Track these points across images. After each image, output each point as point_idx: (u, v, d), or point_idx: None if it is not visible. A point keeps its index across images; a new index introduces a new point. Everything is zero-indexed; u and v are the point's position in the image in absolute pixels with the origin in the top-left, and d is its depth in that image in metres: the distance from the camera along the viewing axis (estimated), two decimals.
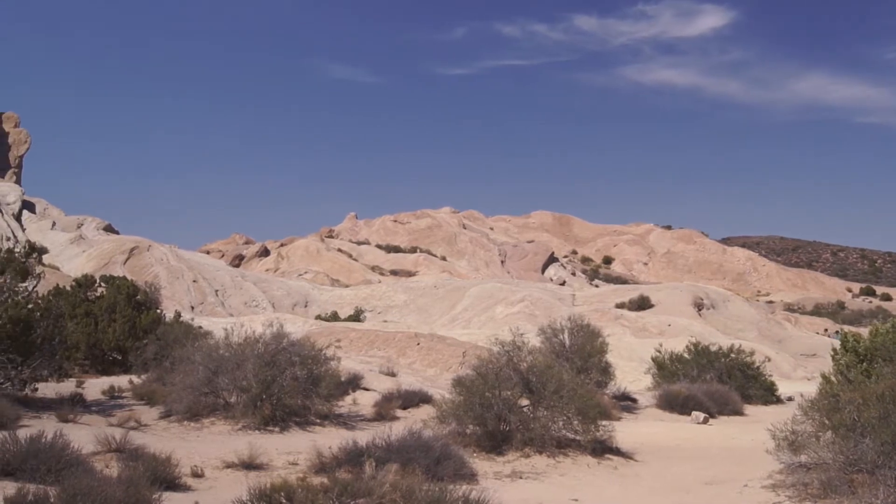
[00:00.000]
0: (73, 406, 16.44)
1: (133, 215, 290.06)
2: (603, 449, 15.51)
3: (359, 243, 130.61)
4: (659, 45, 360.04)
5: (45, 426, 12.41)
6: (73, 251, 73.31)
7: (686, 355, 29.11)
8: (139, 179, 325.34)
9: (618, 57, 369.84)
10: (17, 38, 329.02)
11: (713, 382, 25.99)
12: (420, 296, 74.09)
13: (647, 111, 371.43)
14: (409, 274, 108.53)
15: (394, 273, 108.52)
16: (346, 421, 18.58)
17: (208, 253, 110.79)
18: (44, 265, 43.47)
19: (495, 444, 15.21)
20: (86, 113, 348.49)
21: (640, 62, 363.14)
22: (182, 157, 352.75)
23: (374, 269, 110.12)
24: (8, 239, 60.18)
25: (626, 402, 24.10)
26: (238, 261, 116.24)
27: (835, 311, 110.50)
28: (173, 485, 10.87)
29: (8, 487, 9.29)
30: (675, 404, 22.97)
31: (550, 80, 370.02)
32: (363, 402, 21.27)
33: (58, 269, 56.21)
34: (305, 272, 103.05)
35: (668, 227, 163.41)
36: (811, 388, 29.82)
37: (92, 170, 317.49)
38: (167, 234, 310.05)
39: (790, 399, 27.32)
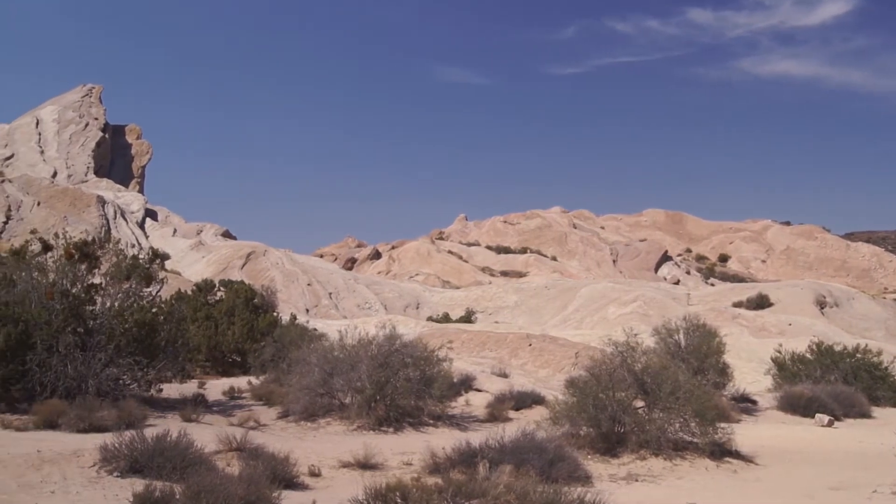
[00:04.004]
0: (195, 406, 16.96)
1: (249, 221, 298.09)
2: (721, 452, 15.10)
3: (469, 245, 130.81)
4: (777, 35, 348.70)
5: (169, 425, 12.84)
6: (193, 257, 75.88)
7: (808, 355, 28.09)
8: (254, 185, 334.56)
9: (734, 49, 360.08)
10: (137, 53, 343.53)
11: (838, 384, 24.99)
12: (531, 296, 73.77)
13: (765, 104, 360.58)
14: (520, 275, 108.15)
15: (504, 274, 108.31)
16: (458, 422, 18.62)
17: (321, 256, 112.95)
18: (166, 270, 44.99)
19: (610, 445, 15.00)
20: (202, 122, 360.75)
21: (758, 54, 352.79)
22: (295, 162, 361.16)
23: (484, 270, 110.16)
24: (133, 246, 62.72)
25: (746, 404, 23.41)
26: (350, 264, 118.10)
27: None
28: (292, 483, 11.11)
29: (137, 484, 9.65)
30: (798, 406, 22.18)
31: (665, 76, 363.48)
32: (476, 403, 21.28)
33: (179, 274, 58.19)
34: (416, 274, 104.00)
35: (787, 223, 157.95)
36: None
37: (210, 177, 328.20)
38: (281, 238, 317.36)
39: None
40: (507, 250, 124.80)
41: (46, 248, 18.80)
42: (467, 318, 62.39)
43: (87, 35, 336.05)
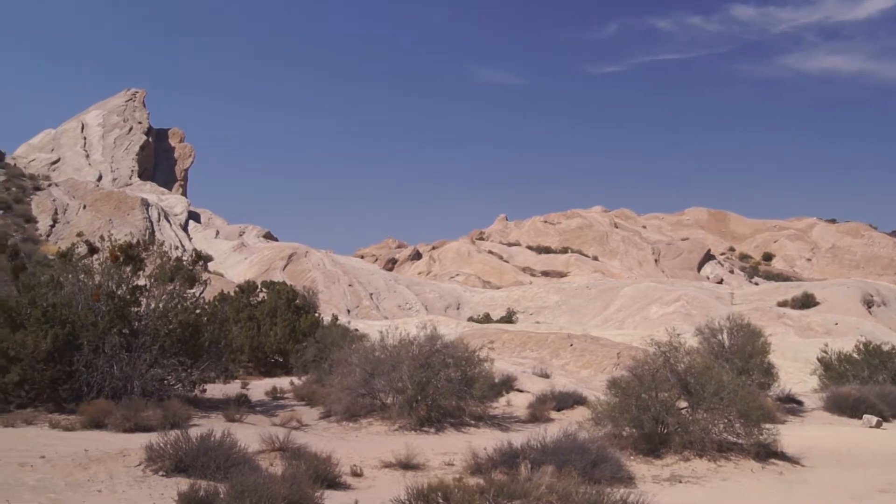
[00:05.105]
0: (238, 406, 17.12)
1: (290, 222, 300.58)
2: (767, 453, 14.89)
3: (509, 245, 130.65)
4: (822, 30, 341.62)
5: (213, 425, 12.95)
6: (235, 258, 76.62)
7: (855, 355, 27.63)
8: (295, 187, 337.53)
9: (778, 45, 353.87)
10: (180, 57, 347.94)
11: (886, 384, 24.56)
12: (572, 296, 73.49)
13: (809, 100, 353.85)
14: (561, 275, 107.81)
15: (545, 274, 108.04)
16: (500, 422, 18.58)
17: (362, 257, 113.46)
18: (209, 272, 45.50)
19: (653, 446, 14.86)
20: (243, 124, 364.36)
21: (803, 50, 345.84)
22: (335, 163, 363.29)
23: (524, 270, 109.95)
24: (176, 248, 63.47)
25: (791, 405, 23.10)
26: (391, 265, 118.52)
27: None
28: (334, 483, 11.14)
29: (181, 483, 9.75)
30: (845, 407, 21.82)
31: (707, 73, 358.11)
32: (517, 403, 21.22)
33: (222, 275, 58.88)
34: (457, 275, 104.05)
35: (833, 221, 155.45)
36: None
37: (251, 179, 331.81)
38: (322, 239, 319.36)
39: None
40: (547, 250, 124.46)
41: (92, 250, 19.06)
42: (508, 318, 62.37)
43: (130, 40, 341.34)
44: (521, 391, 22.57)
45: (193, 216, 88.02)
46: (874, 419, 20.37)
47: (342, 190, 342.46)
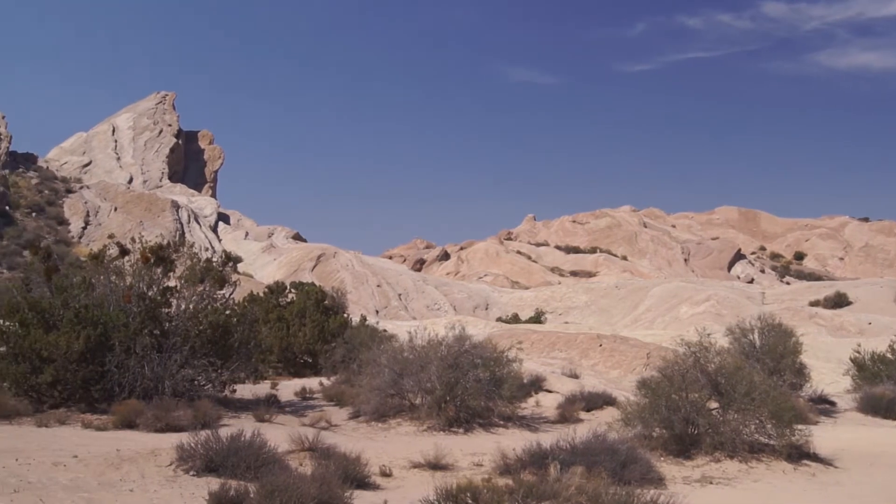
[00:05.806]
0: (268, 406, 17.19)
1: (318, 223, 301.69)
2: (799, 454, 14.75)
3: (537, 245, 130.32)
4: (855, 27, 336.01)
5: (243, 425, 13.02)
6: (264, 259, 77.08)
7: (889, 355, 27.28)
8: (323, 187, 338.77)
9: (809, 42, 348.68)
10: (209, 58, 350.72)
11: None
12: (601, 296, 73.22)
13: (841, 98, 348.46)
14: (590, 274, 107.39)
15: (573, 274, 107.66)
16: (529, 423, 18.54)
17: (390, 258, 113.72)
18: (239, 273, 45.91)
19: (683, 447, 14.77)
20: (272, 125, 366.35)
21: (834, 47, 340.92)
22: (363, 164, 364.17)
23: (553, 270, 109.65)
24: (206, 249, 64.00)
25: (824, 406, 22.84)
26: (419, 265, 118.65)
27: None
28: (363, 483, 11.17)
29: (212, 483, 9.81)
30: (879, 408, 21.57)
31: (737, 70, 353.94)
32: (546, 403, 21.17)
33: (251, 276, 59.27)
34: (485, 275, 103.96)
35: (866, 219, 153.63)
36: None
37: (280, 180, 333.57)
38: (350, 240, 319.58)
39: None
40: (576, 250, 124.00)
41: (123, 252, 19.23)
42: (537, 318, 62.25)
43: (160, 42, 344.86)
44: (550, 392, 22.52)
45: (223, 218, 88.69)
46: None
47: (370, 191, 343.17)
